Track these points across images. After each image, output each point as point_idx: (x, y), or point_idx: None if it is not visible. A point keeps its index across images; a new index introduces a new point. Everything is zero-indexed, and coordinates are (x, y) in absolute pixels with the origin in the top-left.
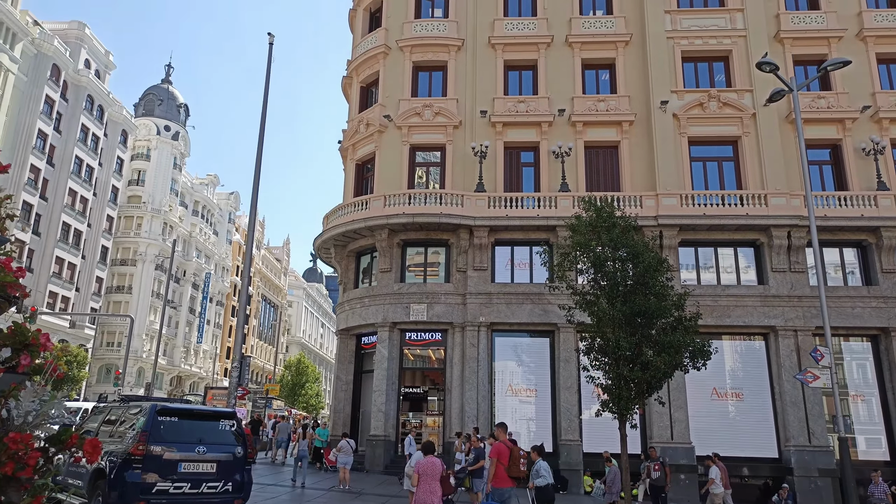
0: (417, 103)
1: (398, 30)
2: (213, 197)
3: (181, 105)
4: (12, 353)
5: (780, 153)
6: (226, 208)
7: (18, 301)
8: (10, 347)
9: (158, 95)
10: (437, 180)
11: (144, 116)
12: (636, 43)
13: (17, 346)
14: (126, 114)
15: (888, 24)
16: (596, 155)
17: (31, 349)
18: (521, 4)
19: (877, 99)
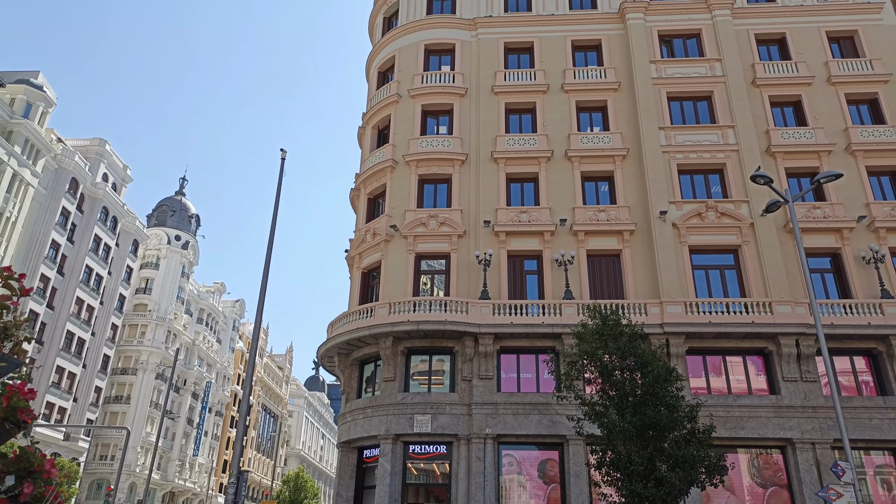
0: (423, 214)
1: (405, 145)
2: (218, 305)
3: (192, 215)
4: (16, 481)
5: (781, 261)
6: (230, 316)
7: (28, 427)
8: (14, 475)
9: (171, 206)
10: (441, 288)
11: (157, 226)
12: (633, 156)
13: (21, 473)
14: (139, 224)
15: (874, 139)
16: (598, 263)
17: (35, 476)
18: (522, 121)
19: (871, 209)
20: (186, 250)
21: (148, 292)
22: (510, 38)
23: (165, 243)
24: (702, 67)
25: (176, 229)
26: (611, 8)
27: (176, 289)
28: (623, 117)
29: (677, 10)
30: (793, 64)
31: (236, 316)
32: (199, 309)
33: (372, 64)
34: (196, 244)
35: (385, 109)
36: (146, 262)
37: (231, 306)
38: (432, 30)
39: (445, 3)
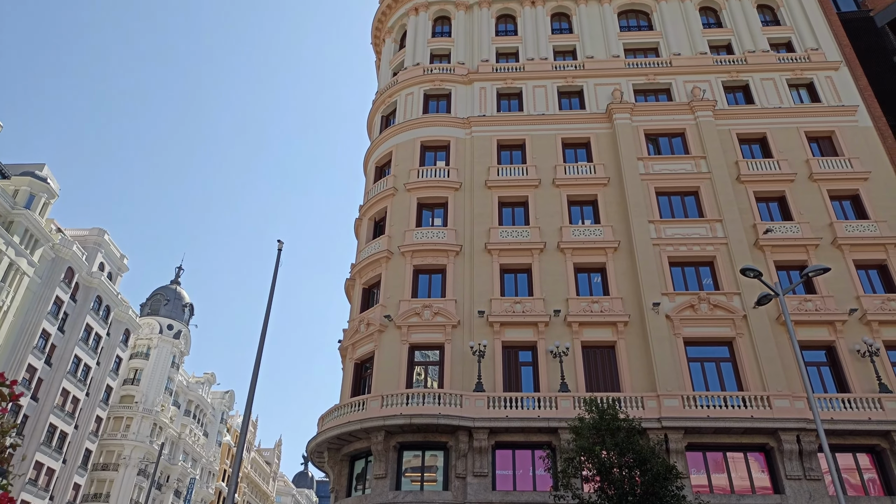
0: (417, 304)
1: (400, 237)
2: (207, 396)
3: (186, 304)
4: None
5: (776, 354)
6: (219, 408)
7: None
8: None
9: (165, 295)
10: (435, 378)
11: (150, 315)
12: (624, 248)
13: None
14: (132, 313)
15: (859, 234)
16: (593, 355)
17: None
18: (515, 214)
19: (862, 302)
20: (178, 340)
21: (136, 383)
22: (503, 135)
23: (157, 332)
24: (687, 164)
25: (169, 318)
26: (598, 108)
27: (165, 379)
28: (613, 211)
29: (662, 111)
30: (775, 161)
31: (225, 408)
32: (188, 400)
33: (370, 159)
34: (188, 334)
35: (382, 202)
36: (136, 352)
37: (220, 398)
38: (428, 127)
39: (441, 103)
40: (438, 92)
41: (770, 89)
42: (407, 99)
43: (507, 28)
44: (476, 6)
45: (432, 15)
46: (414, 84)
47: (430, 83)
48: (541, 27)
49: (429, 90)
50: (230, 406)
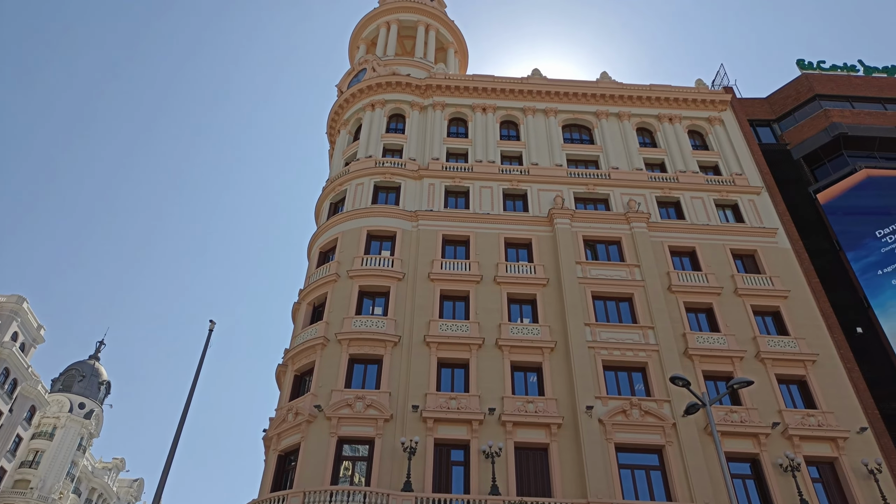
0: (350, 394)
1: (339, 323)
2: (114, 484)
3: (103, 382)
4: None
5: (703, 464)
6: (125, 497)
7: None
8: None
9: (81, 371)
10: (363, 475)
11: (61, 392)
12: (560, 349)
13: None
14: (41, 388)
15: (780, 349)
16: (526, 457)
17: None
18: (456, 308)
19: (784, 416)
20: (89, 420)
21: (35, 466)
22: (448, 230)
23: (66, 411)
24: (622, 271)
25: (81, 396)
26: (541, 212)
27: (68, 463)
28: (551, 311)
29: (600, 219)
30: (703, 275)
31: (132, 498)
32: (91, 488)
33: (315, 244)
34: (101, 414)
35: (323, 287)
36: (40, 431)
37: (128, 486)
38: (376, 217)
39: (390, 195)
40: (388, 184)
41: (699, 207)
42: (357, 188)
43: (459, 130)
44: (430, 108)
45: (388, 112)
46: (365, 175)
47: (380, 175)
48: (490, 132)
49: (379, 182)
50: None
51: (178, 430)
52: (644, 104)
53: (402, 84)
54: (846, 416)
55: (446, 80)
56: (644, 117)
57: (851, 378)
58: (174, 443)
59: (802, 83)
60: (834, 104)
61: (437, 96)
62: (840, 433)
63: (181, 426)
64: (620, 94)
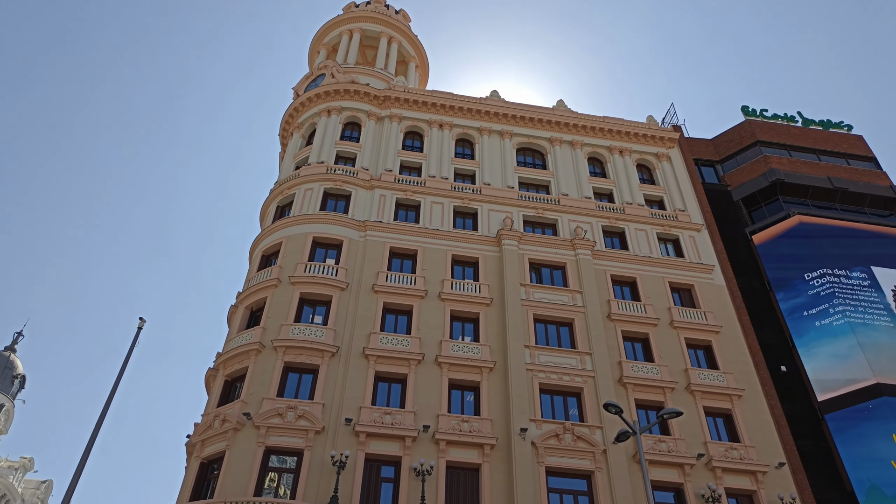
0: (281, 404)
1: (276, 330)
2: (19, 484)
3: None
4: None
5: (630, 492)
6: (31, 499)
7: None
8: None
9: None
10: (289, 487)
11: None
12: (499, 370)
13: None
14: None
15: (709, 382)
16: (457, 476)
17: None
18: (398, 322)
19: (709, 448)
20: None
21: None
22: (396, 243)
23: None
24: (565, 296)
25: None
26: (489, 232)
27: None
28: (493, 331)
29: (546, 244)
30: (642, 305)
31: (38, 500)
32: None
33: (258, 246)
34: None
35: (262, 291)
36: None
37: (35, 488)
38: (323, 224)
39: (340, 203)
40: (338, 192)
41: (642, 239)
42: (306, 193)
43: (414, 144)
44: (387, 119)
45: (344, 119)
46: (315, 180)
47: (331, 182)
48: (445, 149)
49: (329, 189)
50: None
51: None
52: (597, 135)
53: (360, 93)
54: (766, 450)
55: (405, 94)
56: (596, 147)
57: (773, 414)
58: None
59: (746, 129)
60: (773, 151)
61: (394, 108)
62: (760, 467)
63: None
64: (575, 123)
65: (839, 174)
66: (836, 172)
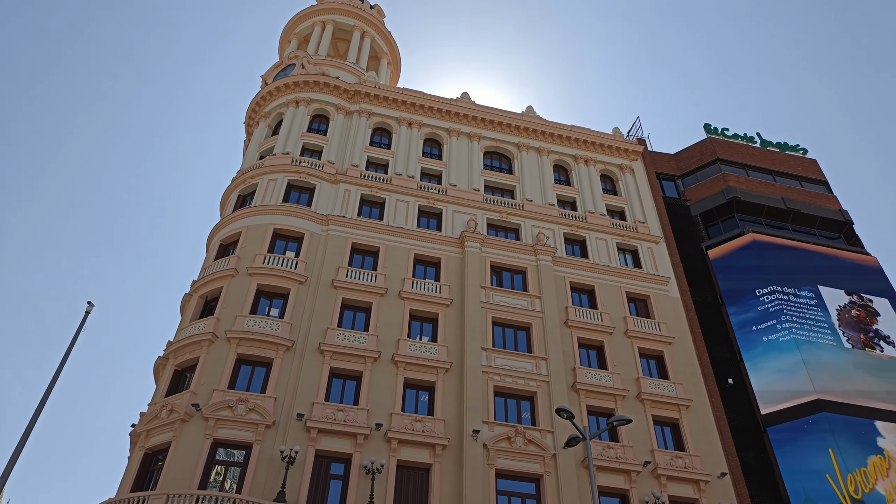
0: (232, 396)
1: (230, 321)
2: None
3: None
4: None
5: (577, 496)
6: None
7: None
8: None
9: None
10: (236, 481)
11: None
12: (455, 371)
13: None
14: None
15: (659, 392)
16: (407, 476)
17: None
18: (356, 319)
19: (655, 456)
20: None
21: None
22: (358, 239)
23: None
24: (524, 301)
25: None
26: (453, 233)
27: None
28: (451, 332)
29: (509, 248)
30: (598, 313)
31: None
32: None
33: (216, 235)
34: None
35: (219, 281)
36: None
37: None
38: (285, 216)
39: (303, 195)
40: (302, 184)
41: (602, 248)
42: (269, 184)
43: (382, 141)
44: (356, 114)
45: (312, 111)
46: (279, 171)
47: (295, 174)
48: (413, 148)
49: (293, 180)
50: None
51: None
52: (563, 143)
53: (330, 85)
54: (710, 460)
55: (376, 89)
56: (562, 155)
57: (718, 426)
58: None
59: (707, 146)
60: (732, 169)
61: (364, 103)
62: (703, 476)
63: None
64: (543, 130)
65: (793, 195)
66: (790, 194)
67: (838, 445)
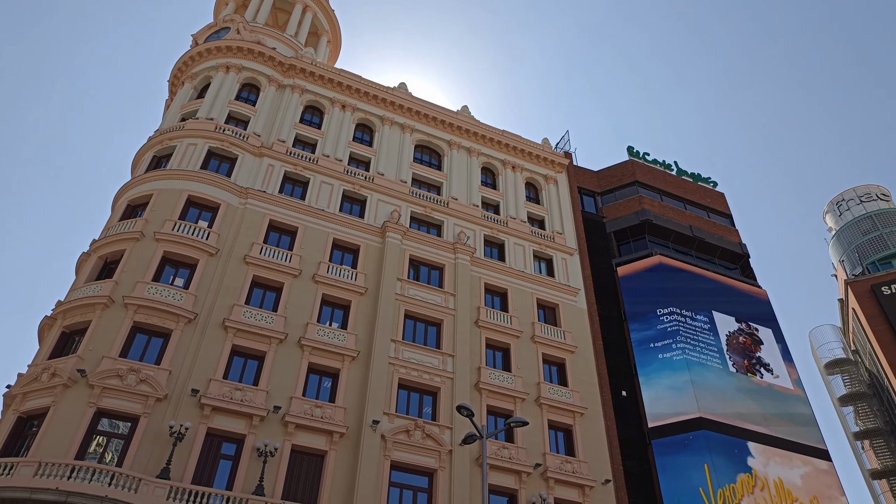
0: (123, 365)
1: (130, 286)
2: None
3: None
4: None
5: (468, 493)
6: None
7: None
8: None
9: None
10: (118, 453)
11: None
12: (362, 360)
13: None
14: None
15: (557, 398)
16: (301, 461)
17: None
18: (265, 298)
19: (546, 459)
20: None
21: None
22: (277, 217)
23: None
24: (439, 297)
25: None
26: (375, 222)
27: None
28: (362, 321)
29: (430, 243)
30: (509, 316)
31: None
32: None
33: (124, 194)
34: None
35: (122, 243)
36: None
37: None
38: (202, 184)
39: (224, 164)
40: (224, 153)
41: (519, 254)
42: (189, 148)
43: (313, 119)
44: (289, 88)
45: (242, 79)
46: (201, 136)
47: (218, 141)
48: (344, 130)
49: (214, 147)
50: None
51: None
52: (494, 147)
53: (265, 56)
54: (596, 467)
55: (312, 66)
56: (491, 158)
57: (608, 435)
58: None
59: (628, 168)
60: (648, 193)
61: (299, 79)
62: (588, 482)
63: None
64: (475, 131)
65: (700, 224)
66: (697, 222)
67: (713, 462)
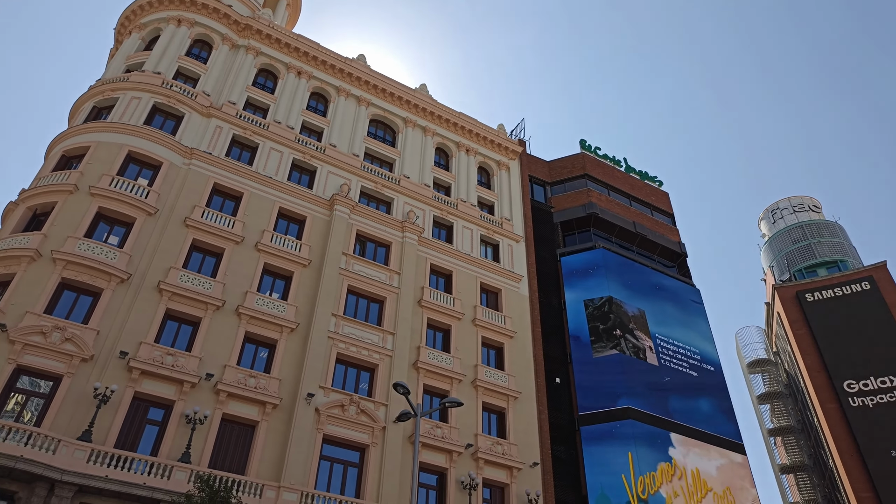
0: (48, 322)
1: (60, 240)
2: None
3: None
4: None
5: (398, 470)
6: None
7: None
8: None
9: None
10: (37, 412)
11: None
12: (300, 332)
13: None
14: None
15: (492, 380)
16: (231, 430)
17: None
18: (204, 263)
19: (478, 440)
20: None
21: None
22: (222, 180)
23: None
24: (383, 274)
25: None
26: (324, 194)
27: None
28: (303, 293)
29: (378, 220)
30: (452, 298)
31: None
32: None
33: (59, 144)
34: None
35: (54, 195)
36: None
37: None
38: (144, 140)
39: (168, 122)
40: (170, 110)
41: (467, 237)
42: (132, 102)
43: (266, 84)
44: (243, 49)
45: (194, 35)
46: (146, 90)
47: (164, 97)
48: (298, 98)
49: (160, 103)
50: None
51: None
52: (450, 128)
53: (220, 12)
54: (526, 450)
55: (269, 28)
56: (446, 139)
57: (540, 420)
58: None
59: (578, 161)
60: (596, 187)
61: (254, 40)
62: (517, 464)
63: None
64: (432, 111)
65: (643, 221)
66: (641, 219)
67: (637, 451)
